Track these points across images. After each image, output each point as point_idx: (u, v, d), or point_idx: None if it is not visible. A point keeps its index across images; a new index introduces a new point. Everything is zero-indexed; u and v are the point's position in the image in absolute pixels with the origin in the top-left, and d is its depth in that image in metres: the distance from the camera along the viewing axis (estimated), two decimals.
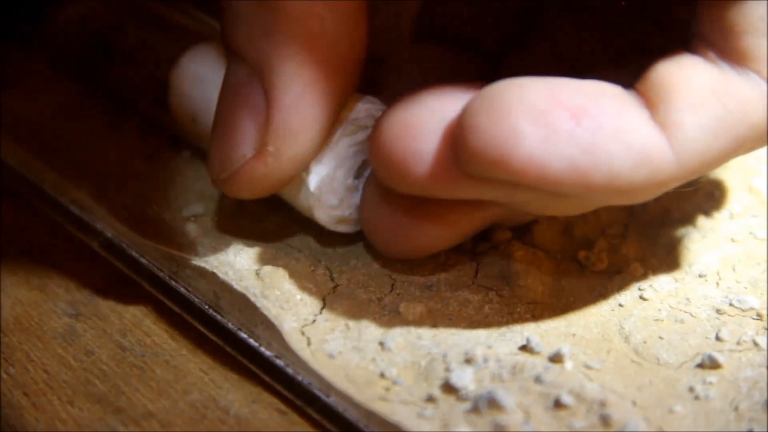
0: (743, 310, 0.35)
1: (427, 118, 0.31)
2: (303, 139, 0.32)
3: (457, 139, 0.30)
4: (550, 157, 0.29)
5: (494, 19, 0.37)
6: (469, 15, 0.37)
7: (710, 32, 0.31)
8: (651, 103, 0.30)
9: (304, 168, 0.34)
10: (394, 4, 0.39)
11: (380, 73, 0.34)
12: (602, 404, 0.31)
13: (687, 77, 0.30)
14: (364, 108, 0.34)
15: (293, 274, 0.35)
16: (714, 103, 0.30)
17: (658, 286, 0.36)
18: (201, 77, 0.37)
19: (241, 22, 0.32)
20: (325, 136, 0.33)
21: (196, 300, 0.35)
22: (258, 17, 0.31)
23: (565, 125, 0.29)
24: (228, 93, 0.33)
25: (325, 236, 0.36)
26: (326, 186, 0.34)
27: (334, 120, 0.33)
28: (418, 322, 0.34)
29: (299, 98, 0.32)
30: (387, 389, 0.32)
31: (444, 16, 0.38)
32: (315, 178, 0.34)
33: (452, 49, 0.38)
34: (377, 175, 0.32)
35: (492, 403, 0.31)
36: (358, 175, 0.35)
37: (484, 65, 0.38)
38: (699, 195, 0.39)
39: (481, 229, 0.35)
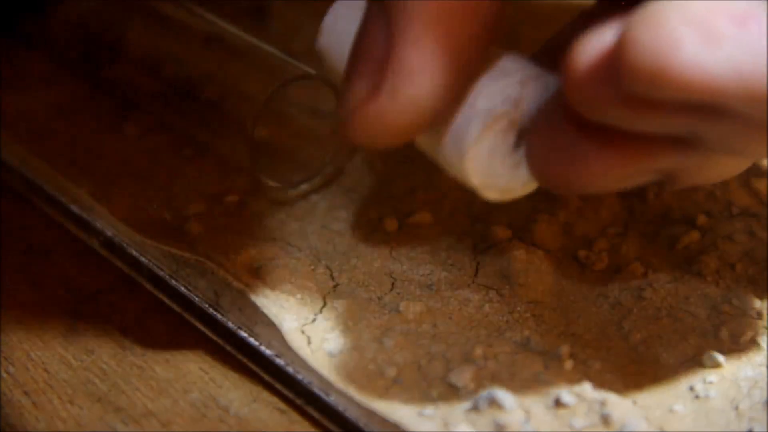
0: (743, 310, 0.35)
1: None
2: (421, 80, 0.30)
3: (617, 54, 0.28)
4: (712, 63, 0.27)
5: None
6: None
7: None
8: None
9: (436, 128, 0.32)
10: None
11: None
12: (602, 403, 0.31)
13: None
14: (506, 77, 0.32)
15: (293, 273, 0.35)
16: None
17: (658, 285, 0.36)
18: (353, 22, 0.35)
19: None
20: (453, 85, 0.31)
21: (197, 299, 0.35)
22: None
23: (728, 30, 0.28)
24: (359, 32, 0.31)
25: (325, 234, 0.37)
26: (489, 176, 0.32)
27: (469, 71, 0.31)
28: (418, 321, 0.34)
29: (421, 35, 0.30)
30: (387, 388, 0.32)
31: None
32: (475, 177, 0.32)
33: None
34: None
35: (492, 402, 0.31)
36: (517, 146, 0.32)
37: None
38: (699, 194, 0.39)
39: (645, 180, 0.32)
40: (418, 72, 0.30)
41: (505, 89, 0.31)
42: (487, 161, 0.32)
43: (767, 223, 0.38)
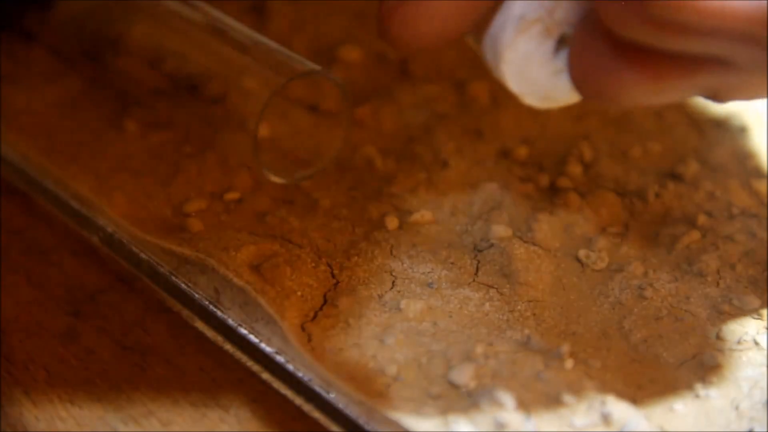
0: (743, 310, 0.35)
1: None
2: None
3: None
4: None
5: None
6: None
7: None
8: None
9: (481, 32, 0.32)
10: None
11: None
12: (602, 402, 0.31)
13: None
14: None
15: (294, 270, 0.35)
16: None
17: (659, 284, 0.36)
18: None
19: None
20: None
21: (197, 296, 0.35)
22: None
23: None
24: None
25: (326, 232, 0.37)
26: (526, 82, 0.33)
27: None
28: (419, 319, 0.34)
29: None
30: (387, 386, 0.32)
31: None
32: (511, 81, 0.33)
33: None
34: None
35: (492, 400, 0.31)
36: (557, 53, 0.33)
37: None
38: (699, 195, 0.39)
39: (688, 95, 0.33)
40: None
41: None
42: (523, 66, 0.32)
43: (767, 224, 0.38)
